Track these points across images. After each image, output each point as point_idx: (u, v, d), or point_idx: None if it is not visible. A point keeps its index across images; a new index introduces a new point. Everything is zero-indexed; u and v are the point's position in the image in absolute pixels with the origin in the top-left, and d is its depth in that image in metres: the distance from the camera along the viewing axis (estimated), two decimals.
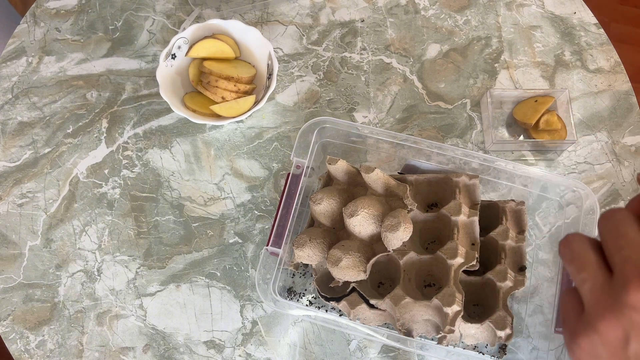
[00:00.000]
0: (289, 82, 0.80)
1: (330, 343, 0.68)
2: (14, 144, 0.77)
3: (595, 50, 0.82)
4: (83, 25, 0.83)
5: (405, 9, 0.84)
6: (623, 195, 0.74)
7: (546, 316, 0.67)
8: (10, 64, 0.81)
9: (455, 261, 0.59)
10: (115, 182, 0.75)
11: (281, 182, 0.75)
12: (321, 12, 0.84)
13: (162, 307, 0.70)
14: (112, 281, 0.71)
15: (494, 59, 0.81)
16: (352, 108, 0.79)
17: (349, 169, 0.66)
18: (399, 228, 0.58)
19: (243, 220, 0.73)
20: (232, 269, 0.71)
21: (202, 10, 0.84)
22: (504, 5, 0.84)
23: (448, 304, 0.56)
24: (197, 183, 0.75)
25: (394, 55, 0.81)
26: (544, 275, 0.69)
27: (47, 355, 0.68)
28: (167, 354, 0.68)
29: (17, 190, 0.75)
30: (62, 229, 0.73)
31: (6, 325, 0.69)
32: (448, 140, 0.77)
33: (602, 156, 0.76)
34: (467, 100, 0.79)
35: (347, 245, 0.60)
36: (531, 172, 0.66)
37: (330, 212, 0.64)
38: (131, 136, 0.77)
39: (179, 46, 0.75)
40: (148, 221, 0.73)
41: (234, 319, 0.69)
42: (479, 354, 0.64)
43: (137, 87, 0.80)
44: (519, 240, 0.64)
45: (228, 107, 0.72)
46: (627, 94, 0.79)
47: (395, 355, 0.68)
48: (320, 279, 0.64)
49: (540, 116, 0.74)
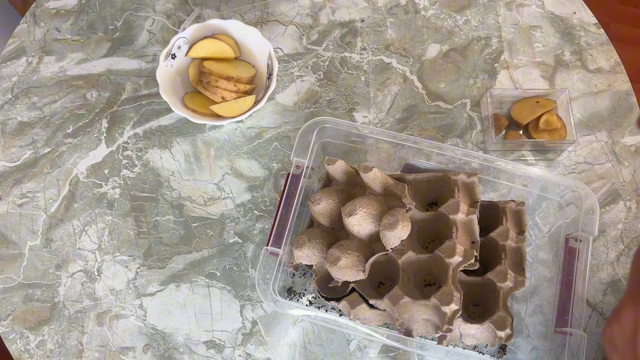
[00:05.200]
0: (289, 82, 0.80)
1: (330, 343, 0.68)
2: (14, 144, 0.77)
3: (595, 50, 0.82)
4: (83, 25, 0.83)
5: (405, 9, 0.84)
6: (623, 195, 0.74)
7: (546, 316, 0.67)
8: (10, 64, 0.81)
9: (453, 260, 0.59)
10: (115, 182, 0.75)
11: (281, 182, 0.75)
12: (321, 12, 0.84)
13: (162, 307, 0.70)
14: (112, 281, 0.71)
15: (494, 59, 0.81)
16: (352, 108, 0.78)
17: (348, 169, 0.66)
18: (396, 226, 0.58)
19: (243, 220, 0.73)
20: (232, 269, 0.71)
21: (202, 10, 0.84)
22: (504, 5, 0.84)
23: (446, 303, 0.56)
24: (197, 183, 0.75)
25: (394, 55, 0.81)
26: (544, 275, 0.69)
27: (47, 355, 0.68)
28: (167, 354, 0.68)
29: (17, 190, 0.75)
30: (62, 229, 0.73)
31: (6, 325, 0.69)
32: (448, 140, 0.77)
33: (602, 156, 0.76)
34: (467, 100, 0.79)
35: (346, 245, 0.60)
36: (531, 172, 0.66)
37: (329, 212, 0.64)
38: (131, 136, 0.77)
39: (179, 46, 0.75)
40: (148, 221, 0.73)
41: (234, 319, 0.69)
42: (479, 354, 0.64)
43: (137, 87, 0.80)
44: (519, 240, 0.64)
45: (228, 107, 0.72)
46: (627, 94, 0.79)
47: (395, 355, 0.68)
48: (320, 279, 0.64)
49: (536, 118, 0.74)
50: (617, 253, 0.71)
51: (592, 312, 0.69)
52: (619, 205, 0.73)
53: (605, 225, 0.73)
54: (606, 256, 0.71)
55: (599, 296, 0.70)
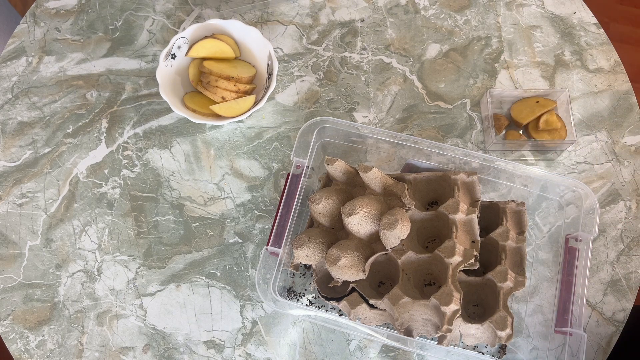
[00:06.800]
0: (289, 82, 0.80)
1: (330, 343, 0.68)
2: (14, 143, 0.77)
3: (595, 50, 0.82)
4: (83, 25, 0.83)
5: (405, 9, 0.84)
6: (623, 195, 0.74)
7: (546, 316, 0.67)
8: (10, 63, 0.81)
9: (453, 260, 0.59)
10: (115, 182, 0.75)
11: (281, 182, 0.75)
12: (321, 12, 0.84)
13: (162, 307, 0.70)
14: (112, 281, 0.71)
15: (494, 59, 0.81)
16: (352, 108, 0.79)
17: (348, 169, 0.66)
18: (396, 226, 0.58)
19: (243, 220, 0.73)
20: (232, 269, 0.71)
21: (202, 10, 0.84)
22: (504, 5, 0.84)
23: (445, 303, 0.56)
24: (197, 183, 0.75)
25: (394, 55, 0.81)
26: (544, 275, 0.69)
27: (47, 355, 0.68)
28: (167, 354, 0.68)
29: (17, 190, 0.75)
30: (62, 229, 0.73)
31: (6, 325, 0.69)
32: (448, 140, 0.77)
33: (602, 156, 0.76)
34: (467, 100, 0.79)
35: (346, 245, 0.60)
36: (531, 172, 0.66)
37: (329, 212, 0.64)
38: (131, 136, 0.77)
39: (179, 46, 0.75)
40: (148, 221, 0.73)
41: (234, 318, 0.69)
42: (479, 354, 0.64)
43: (137, 87, 0.80)
44: (519, 241, 0.64)
45: (228, 107, 0.72)
46: (627, 94, 0.79)
47: (395, 355, 0.68)
48: (321, 279, 0.64)
49: (536, 118, 0.74)
50: (617, 253, 0.71)
51: (592, 312, 0.69)
52: (619, 205, 0.73)
53: (605, 225, 0.73)
54: (606, 256, 0.71)
55: (599, 296, 0.70)
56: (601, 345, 0.67)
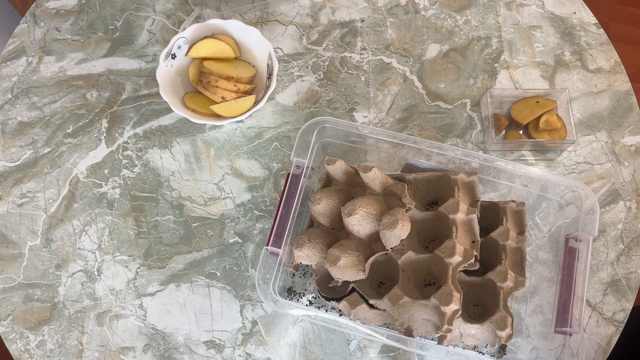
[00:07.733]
0: (289, 82, 0.80)
1: (330, 343, 0.68)
2: (14, 143, 0.77)
3: (595, 50, 0.82)
4: (83, 25, 0.83)
5: (405, 9, 0.84)
6: (623, 195, 0.74)
7: (546, 316, 0.67)
8: (10, 63, 0.81)
9: (453, 260, 0.59)
10: (115, 182, 0.75)
11: (281, 182, 0.75)
12: (321, 12, 0.84)
13: (162, 307, 0.70)
14: (112, 281, 0.71)
15: (494, 59, 0.81)
16: (352, 108, 0.79)
17: (348, 169, 0.66)
18: (396, 226, 0.58)
19: (243, 220, 0.73)
20: (232, 269, 0.71)
21: (202, 10, 0.84)
22: (504, 5, 0.84)
23: (445, 303, 0.56)
24: (197, 183, 0.75)
25: (394, 55, 0.81)
26: (544, 275, 0.69)
27: (47, 355, 0.68)
28: (167, 354, 0.68)
29: (17, 190, 0.75)
30: (62, 229, 0.73)
31: (6, 325, 0.69)
32: (448, 140, 0.77)
33: (602, 156, 0.76)
34: (467, 100, 0.79)
35: (346, 245, 0.60)
36: (531, 172, 0.66)
37: (329, 212, 0.64)
38: (131, 136, 0.77)
39: (179, 46, 0.75)
40: (148, 221, 0.73)
41: (234, 318, 0.69)
42: (479, 354, 0.64)
43: (137, 87, 0.80)
44: (519, 241, 0.64)
45: (228, 107, 0.72)
46: (627, 94, 0.79)
47: (395, 355, 0.68)
48: (321, 279, 0.64)
49: (536, 118, 0.74)
50: (617, 253, 0.71)
51: (592, 312, 0.69)
52: (619, 205, 0.73)
53: (605, 225, 0.73)
54: (606, 256, 0.71)
55: (599, 296, 0.70)
56: (601, 345, 0.67)
